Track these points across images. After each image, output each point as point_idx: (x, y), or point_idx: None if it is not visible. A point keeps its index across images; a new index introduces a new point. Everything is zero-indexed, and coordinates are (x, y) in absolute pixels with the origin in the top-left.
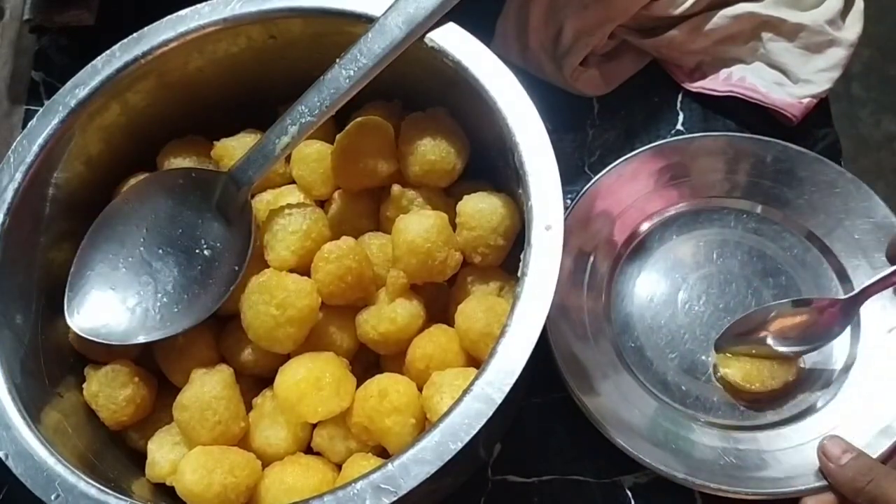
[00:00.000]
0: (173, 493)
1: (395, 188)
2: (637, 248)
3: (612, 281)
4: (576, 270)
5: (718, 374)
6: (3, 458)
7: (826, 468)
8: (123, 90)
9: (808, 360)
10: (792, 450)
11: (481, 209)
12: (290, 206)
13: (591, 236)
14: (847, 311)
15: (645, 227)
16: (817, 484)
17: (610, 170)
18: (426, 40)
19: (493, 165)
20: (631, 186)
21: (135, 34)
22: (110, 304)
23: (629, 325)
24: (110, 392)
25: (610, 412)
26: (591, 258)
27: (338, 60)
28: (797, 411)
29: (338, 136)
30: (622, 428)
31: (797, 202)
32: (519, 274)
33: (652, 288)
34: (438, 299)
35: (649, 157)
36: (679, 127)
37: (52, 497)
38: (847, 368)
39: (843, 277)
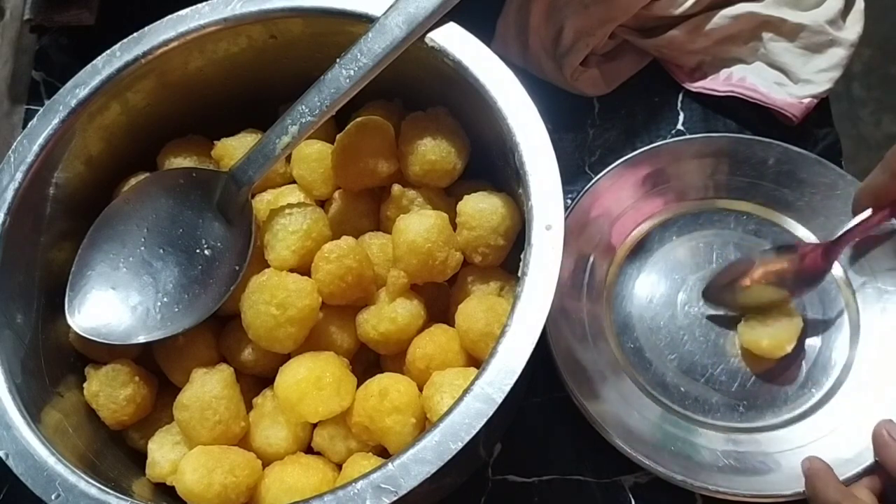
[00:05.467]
0: (174, 492)
1: (396, 188)
2: (636, 250)
3: (611, 282)
4: (575, 271)
5: (737, 351)
6: (4, 458)
7: (887, 447)
8: (124, 90)
9: (809, 361)
10: (791, 452)
11: (482, 209)
12: (290, 205)
13: (591, 237)
14: (829, 255)
15: (644, 228)
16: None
17: (609, 171)
18: (426, 40)
19: (493, 165)
20: (630, 188)
21: (135, 34)
22: (111, 304)
23: (628, 326)
24: (111, 391)
25: (609, 414)
26: (591, 259)
27: (338, 60)
28: (796, 413)
29: (338, 136)
30: (621, 430)
31: (797, 204)
32: (519, 274)
33: (651, 289)
34: (439, 299)
35: (648, 158)
36: (679, 127)
37: (53, 496)
38: (846, 371)
39: (843, 279)
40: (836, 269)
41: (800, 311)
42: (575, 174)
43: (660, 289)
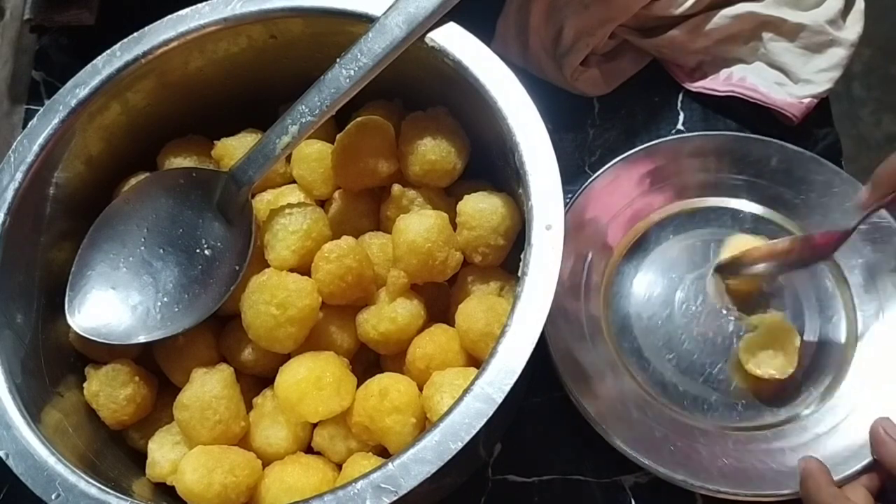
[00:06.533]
0: (174, 492)
1: (396, 188)
2: (634, 249)
3: (609, 281)
4: (573, 271)
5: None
6: (4, 458)
7: (884, 445)
8: (124, 90)
9: (806, 359)
10: (792, 450)
11: (482, 209)
12: (290, 205)
13: (588, 237)
14: (839, 240)
15: (642, 227)
16: None
17: (606, 170)
18: (426, 40)
19: (493, 165)
20: (627, 187)
21: (135, 34)
22: (111, 304)
23: (627, 325)
24: (111, 391)
25: (608, 414)
26: (588, 259)
27: (338, 60)
28: (795, 413)
29: (338, 136)
30: (620, 429)
31: (794, 202)
32: (519, 274)
33: (649, 288)
34: (439, 299)
35: (645, 157)
36: (679, 126)
37: (53, 496)
38: (844, 367)
39: (840, 278)
40: (836, 269)
41: (799, 311)
42: (575, 174)
43: (657, 288)
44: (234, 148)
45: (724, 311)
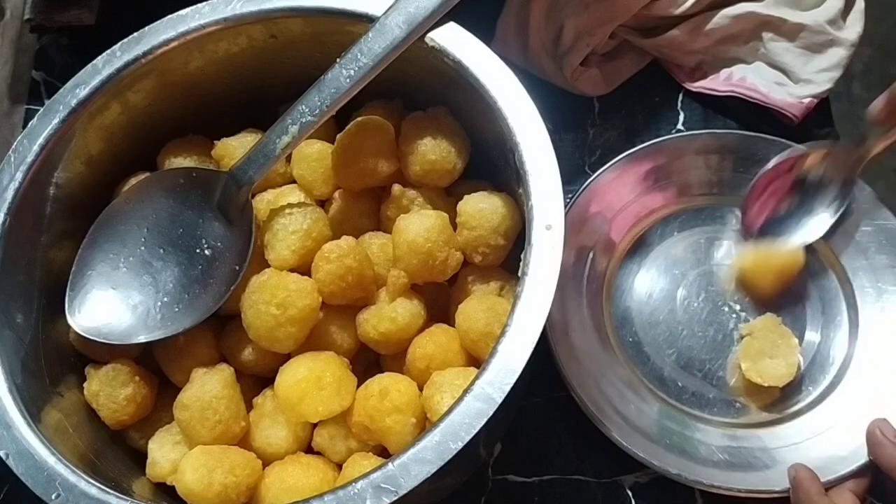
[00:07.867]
0: (174, 492)
1: (396, 188)
2: (637, 245)
3: (611, 277)
4: (575, 266)
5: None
6: (4, 458)
7: (880, 446)
8: (124, 90)
9: (806, 358)
10: (787, 448)
11: (482, 209)
12: (290, 205)
13: (591, 233)
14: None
15: (645, 223)
16: None
17: (609, 167)
18: (427, 40)
19: (493, 165)
20: (631, 183)
21: (135, 34)
22: (111, 304)
23: (628, 320)
24: (111, 391)
25: (608, 409)
26: (591, 255)
27: (338, 60)
28: (793, 410)
29: (338, 136)
30: (620, 425)
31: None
32: (519, 273)
33: (651, 284)
34: (439, 299)
35: (651, 153)
36: (680, 126)
37: (53, 496)
38: (844, 369)
39: (844, 278)
40: (840, 270)
41: (801, 311)
42: (575, 174)
43: (659, 284)
44: (234, 148)
45: (726, 309)
